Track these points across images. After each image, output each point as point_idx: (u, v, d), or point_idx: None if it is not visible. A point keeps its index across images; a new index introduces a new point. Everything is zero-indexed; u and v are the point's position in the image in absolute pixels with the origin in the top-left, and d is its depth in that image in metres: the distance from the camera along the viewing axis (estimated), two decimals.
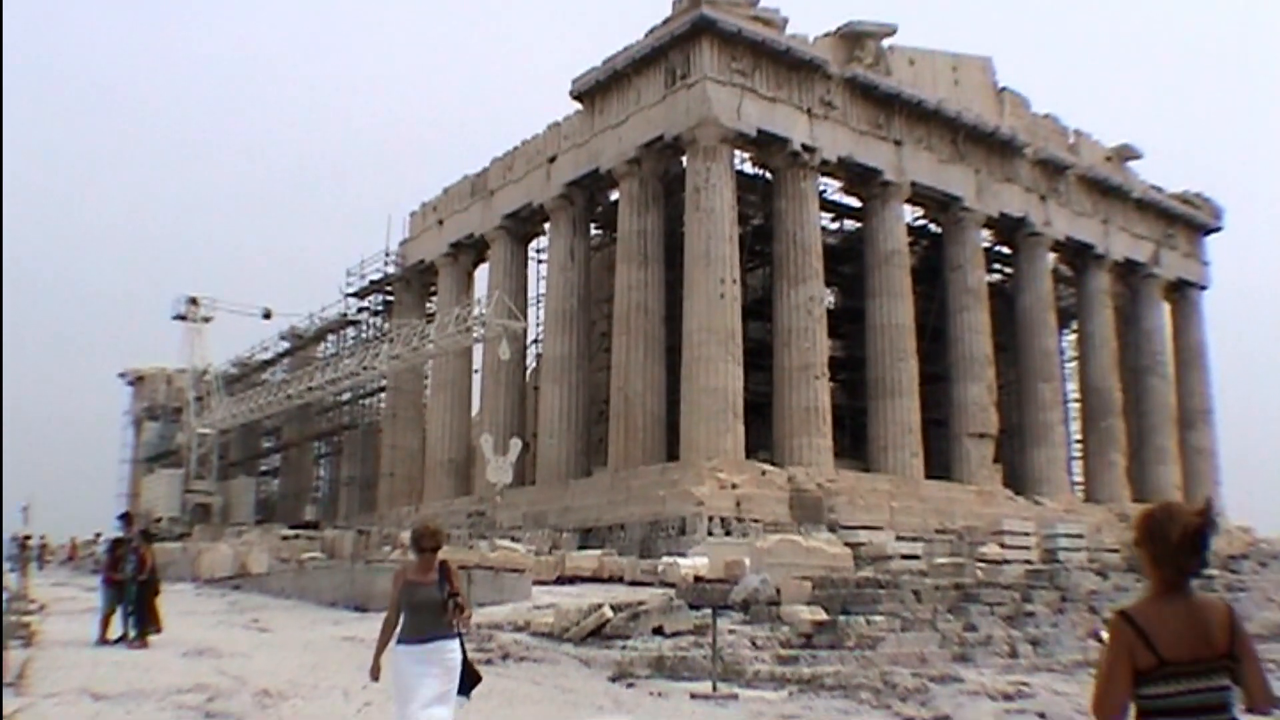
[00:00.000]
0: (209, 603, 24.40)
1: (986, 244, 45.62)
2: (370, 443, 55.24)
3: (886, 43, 40.64)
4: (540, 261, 45.71)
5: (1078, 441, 49.41)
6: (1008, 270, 48.38)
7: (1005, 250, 47.37)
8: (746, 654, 14.37)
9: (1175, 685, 3.44)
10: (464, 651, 7.14)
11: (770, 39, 36.76)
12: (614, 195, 41.14)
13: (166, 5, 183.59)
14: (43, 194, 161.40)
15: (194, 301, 57.37)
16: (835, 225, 45.44)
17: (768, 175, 39.64)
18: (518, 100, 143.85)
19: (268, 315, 58.64)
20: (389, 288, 53.78)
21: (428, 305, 52.35)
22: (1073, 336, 51.49)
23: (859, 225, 43.38)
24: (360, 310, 55.73)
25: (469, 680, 7.13)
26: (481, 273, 48.78)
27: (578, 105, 41.00)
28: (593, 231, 44.15)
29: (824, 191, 41.11)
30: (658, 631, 15.81)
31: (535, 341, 45.64)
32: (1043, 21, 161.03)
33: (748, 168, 39.86)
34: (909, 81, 40.96)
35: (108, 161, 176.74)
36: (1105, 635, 3.63)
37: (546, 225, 43.69)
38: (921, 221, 45.64)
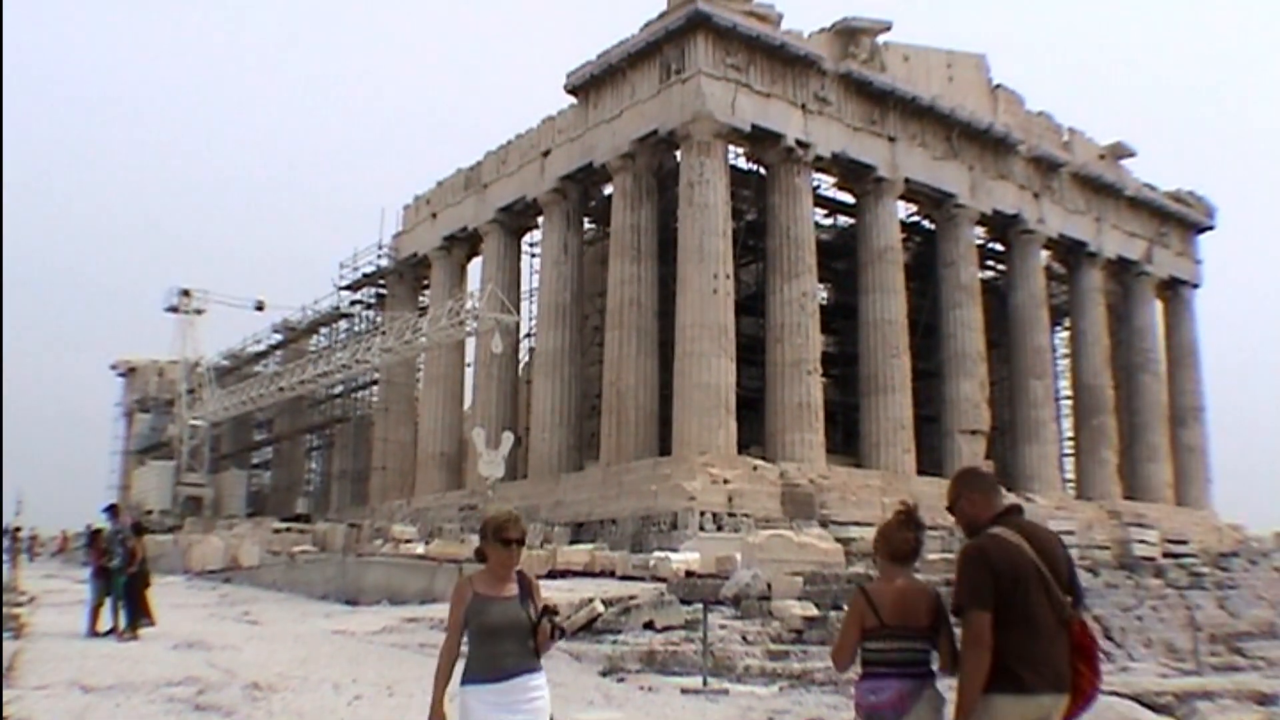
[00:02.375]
0: (200, 595, 24.40)
1: (980, 241, 45.59)
2: (362, 436, 55.15)
3: (881, 39, 40.62)
4: (533, 255, 45.66)
5: (1069, 439, 49.50)
6: (1001, 267, 48.36)
7: (998, 247, 47.36)
8: (737, 649, 14.38)
9: (889, 643, 4.68)
10: None
11: (765, 34, 36.72)
12: (608, 189, 41.06)
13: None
14: (34, 186, 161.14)
15: (186, 293, 57.38)
16: (829, 221, 45.44)
17: (762, 171, 39.60)
18: (512, 93, 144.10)
19: (260, 307, 58.59)
20: (381, 280, 53.70)
21: (420, 298, 52.31)
22: (1065, 334, 51.52)
23: (852, 221, 43.38)
24: (353, 303, 55.67)
25: None
26: (474, 266, 48.68)
27: (572, 99, 40.93)
28: (586, 226, 44.09)
29: (818, 187, 41.05)
30: (649, 626, 15.82)
31: (528, 335, 45.62)
32: (1037, 19, 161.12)
33: (742, 163, 39.81)
34: (903, 78, 40.93)
35: (100, 154, 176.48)
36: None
37: (540, 219, 43.63)
38: (915, 218, 45.62)
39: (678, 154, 37.33)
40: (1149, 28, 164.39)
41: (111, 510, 17.20)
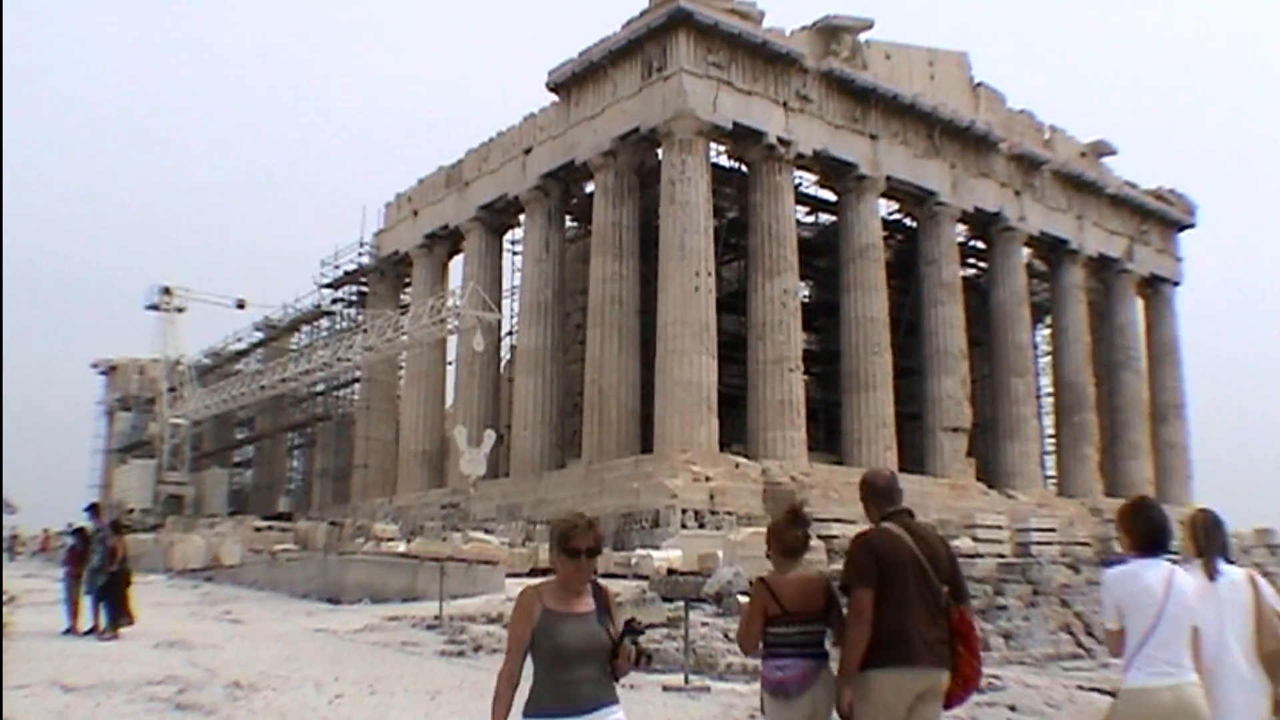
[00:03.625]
0: (181, 594, 24.30)
1: (961, 238, 45.73)
2: (344, 434, 55.05)
3: (863, 37, 40.68)
4: (515, 253, 45.64)
5: (1051, 436, 49.66)
6: (982, 265, 48.51)
7: (980, 245, 47.50)
8: (719, 646, 14.37)
9: (790, 627, 5.16)
10: None
11: (747, 32, 36.73)
12: (589, 187, 41.07)
13: None
14: (15, 183, 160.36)
15: (167, 291, 57.01)
16: (810, 219, 45.47)
17: (743, 168, 39.63)
18: (494, 91, 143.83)
19: (241, 305, 58.25)
20: (363, 278, 53.61)
21: (402, 296, 52.22)
22: (1046, 331, 51.71)
23: (834, 219, 43.45)
24: (334, 301, 55.57)
25: None
26: (456, 264, 48.63)
27: (554, 97, 40.89)
28: (568, 223, 44.09)
29: (799, 185, 41.10)
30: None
31: (510, 333, 45.59)
32: (1019, 17, 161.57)
33: (723, 160, 39.83)
34: (885, 76, 41.00)
35: (82, 151, 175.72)
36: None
37: (522, 217, 43.60)
38: (896, 216, 45.73)
39: (659, 152, 37.36)
40: (1131, 26, 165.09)
41: (93, 509, 17.14)
